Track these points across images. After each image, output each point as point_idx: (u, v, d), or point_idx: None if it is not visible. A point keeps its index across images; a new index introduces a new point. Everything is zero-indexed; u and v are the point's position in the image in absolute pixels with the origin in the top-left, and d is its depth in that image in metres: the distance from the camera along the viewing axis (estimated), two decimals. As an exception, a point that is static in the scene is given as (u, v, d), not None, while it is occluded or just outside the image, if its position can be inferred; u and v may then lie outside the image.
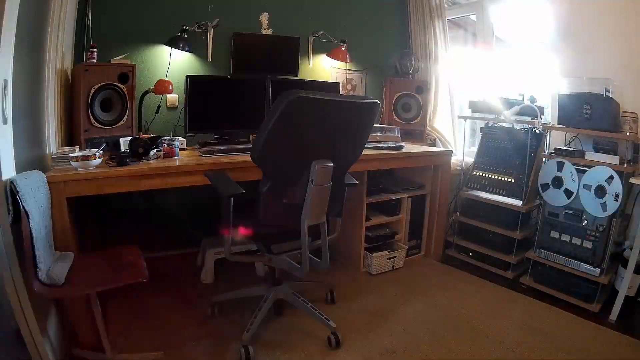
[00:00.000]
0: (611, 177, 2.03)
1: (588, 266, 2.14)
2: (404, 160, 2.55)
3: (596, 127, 2.16)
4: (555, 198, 2.27)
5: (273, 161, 1.64)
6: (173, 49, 2.49)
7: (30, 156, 1.67)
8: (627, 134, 2.06)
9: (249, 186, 2.66)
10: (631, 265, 2.00)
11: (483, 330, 1.95)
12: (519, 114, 2.53)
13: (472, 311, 2.13)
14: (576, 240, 2.20)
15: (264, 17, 2.84)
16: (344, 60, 2.98)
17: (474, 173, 2.79)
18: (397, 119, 3.11)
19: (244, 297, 2.08)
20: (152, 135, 2.07)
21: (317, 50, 3.03)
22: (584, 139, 2.38)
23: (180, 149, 2.17)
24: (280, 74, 2.82)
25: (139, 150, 1.92)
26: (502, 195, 2.60)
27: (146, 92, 2.39)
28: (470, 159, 2.92)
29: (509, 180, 2.59)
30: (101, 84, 2.07)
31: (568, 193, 2.21)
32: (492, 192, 2.65)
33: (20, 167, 1.45)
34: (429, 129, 3.19)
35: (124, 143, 2.08)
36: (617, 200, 2.01)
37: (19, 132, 1.46)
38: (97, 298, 1.55)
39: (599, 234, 2.12)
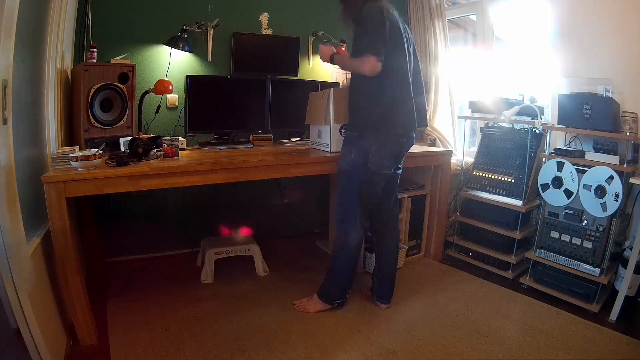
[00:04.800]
0: (611, 177, 2.03)
1: (588, 266, 2.14)
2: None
3: (596, 127, 2.16)
4: (555, 198, 2.27)
5: None
6: (173, 49, 2.49)
7: (30, 156, 1.67)
8: (627, 134, 2.06)
9: (250, 186, 2.67)
10: (631, 265, 2.00)
11: (483, 330, 1.95)
12: (519, 114, 2.53)
13: (472, 311, 2.13)
14: (576, 240, 2.20)
15: (264, 17, 2.84)
16: (344, 60, 2.98)
17: (474, 173, 2.79)
18: (397, 119, 3.11)
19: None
20: (152, 135, 2.07)
21: (317, 50, 3.03)
22: (584, 139, 2.38)
23: (180, 149, 2.17)
24: (280, 74, 2.82)
25: (139, 150, 1.92)
26: (502, 195, 2.59)
27: (146, 92, 2.39)
28: (470, 159, 2.92)
29: (509, 180, 2.59)
30: (101, 84, 2.07)
31: (568, 193, 2.21)
32: (492, 192, 2.65)
33: (20, 168, 1.45)
34: (429, 129, 3.19)
35: (124, 143, 2.08)
36: (617, 200, 2.01)
37: (18, 132, 1.46)
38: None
39: (599, 234, 2.12)
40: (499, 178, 2.65)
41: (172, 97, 2.60)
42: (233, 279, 2.43)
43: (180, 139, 2.28)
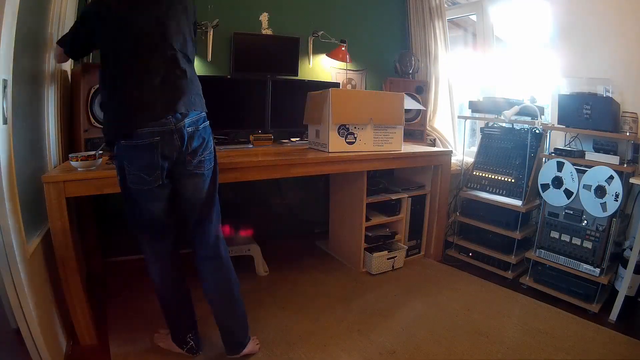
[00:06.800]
0: (611, 177, 2.03)
1: (588, 266, 2.14)
2: (404, 160, 2.55)
3: (596, 127, 2.16)
4: (555, 198, 2.27)
5: None
6: (173, 49, 2.49)
7: (30, 156, 1.67)
8: (627, 134, 2.06)
9: (250, 186, 2.67)
10: (631, 265, 2.00)
11: (483, 330, 1.95)
12: (519, 114, 2.54)
13: (472, 311, 2.13)
14: (576, 240, 2.20)
15: (264, 17, 2.84)
16: (343, 60, 2.99)
17: (474, 173, 2.79)
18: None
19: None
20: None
21: (317, 50, 3.04)
22: (584, 139, 2.38)
23: (180, 149, 2.16)
24: (280, 74, 2.82)
25: (139, 150, 1.92)
26: (502, 195, 2.60)
27: (146, 92, 2.39)
28: (470, 159, 2.92)
29: (509, 180, 2.59)
30: (101, 84, 2.06)
31: (568, 193, 2.21)
32: (492, 192, 2.65)
33: (20, 168, 1.45)
34: (429, 129, 3.19)
35: (124, 143, 2.07)
36: (617, 201, 2.01)
37: (18, 132, 1.46)
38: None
39: (599, 234, 2.12)
40: (499, 178, 2.65)
41: (172, 97, 2.59)
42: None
43: (180, 139, 2.27)
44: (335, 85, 2.96)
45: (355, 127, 2.34)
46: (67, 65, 2.18)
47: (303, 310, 2.11)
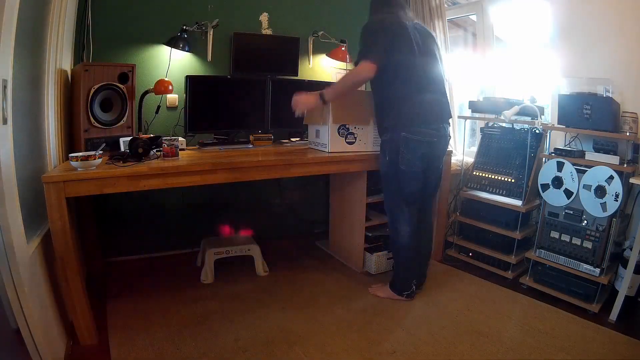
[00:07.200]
0: (611, 177, 2.03)
1: (588, 266, 2.14)
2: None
3: (596, 127, 2.16)
4: (555, 198, 2.27)
5: None
6: (173, 49, 2.49)
7: (30, 156, 1.67)
8: (627, 134, 2.06)
9: (250, 186, 2.67)
10: (631, 265, 2.00)
11: (483, 330, 1.95)
12: (519, 114, 2.53)
13: (472, 311, 2.13)
14: (576, 240, 2.20)
15: (264, 17, 2.84)
16: (343, 60, 2.99)
17: (474, 173, 2.79)
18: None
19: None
20: (152, 135, 2.07)
21: (317, 50, 3.04)
22: (584, 139, 2.38)
23: (180, 149, 2.17)
24: (280, 74, 2.82)
25: (139, 150, 1.92)
26: (502, 195, 2.59)
27: (146, 92, 2.39)
28: (470, 159, 2.92)
29: (509, 180, 2.59)
30: (101, 84, 2.07)
31: (568, 193, 2.21)
32: (492, 192, 2.65)
33: (20, 167, 1.45)
34: (429, 129, 3.19)
35: (124, 143, 2.08)
36: (617, 201, 2.01)
37: (18, 132, 1.46)
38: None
39: (599, 234, 2.11)
40: (499, 178, 2.65)
41: (172, 97, 2.60)
42: (233, 279, 2.43)
43: (180, 139, 2.28)
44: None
45: (355, 127, 2.34)
46: (67, 65, 2.19)
47: (303, 310, 2.11)
